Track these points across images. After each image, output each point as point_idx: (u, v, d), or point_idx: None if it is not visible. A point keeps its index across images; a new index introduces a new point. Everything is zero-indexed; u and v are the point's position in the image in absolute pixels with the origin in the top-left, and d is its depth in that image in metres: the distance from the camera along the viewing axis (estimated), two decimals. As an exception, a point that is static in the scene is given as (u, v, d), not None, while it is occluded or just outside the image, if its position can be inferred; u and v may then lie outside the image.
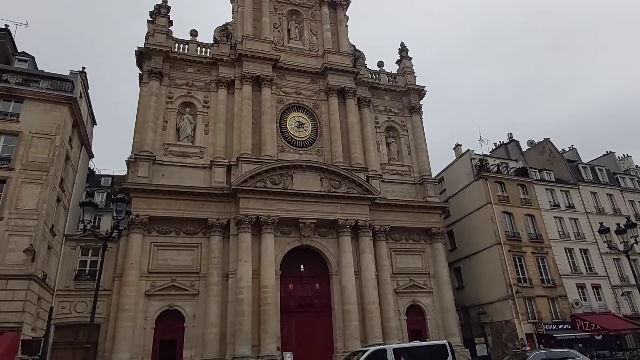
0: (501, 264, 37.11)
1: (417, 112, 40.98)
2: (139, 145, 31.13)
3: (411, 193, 37.48)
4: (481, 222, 39.88)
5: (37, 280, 23.51)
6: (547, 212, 42.19)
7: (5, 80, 26.57)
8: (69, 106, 27.77)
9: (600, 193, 46.57)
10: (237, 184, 30.69)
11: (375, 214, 34.31)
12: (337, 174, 33.73)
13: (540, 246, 39.79)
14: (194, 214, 30.20)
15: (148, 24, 35.48)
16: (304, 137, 36.38)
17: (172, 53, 34.78)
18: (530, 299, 36.80)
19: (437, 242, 35.83)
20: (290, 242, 31.94)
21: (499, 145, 51.58)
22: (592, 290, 40.04)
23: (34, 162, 25.19)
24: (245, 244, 29.78)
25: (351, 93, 38.38)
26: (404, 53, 44.11)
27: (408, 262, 34.92)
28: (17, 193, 24.13)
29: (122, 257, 28.15)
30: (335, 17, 42.57)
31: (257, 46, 36.85)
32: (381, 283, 32.50)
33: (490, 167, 42.94)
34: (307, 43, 40.53)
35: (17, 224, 23.42)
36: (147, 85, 33.18)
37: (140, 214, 28.68)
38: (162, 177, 30.82)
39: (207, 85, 35.34)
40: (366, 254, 32.63)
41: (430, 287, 34.44)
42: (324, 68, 38.19)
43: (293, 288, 31.55)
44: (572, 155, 52.79)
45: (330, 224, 32.79)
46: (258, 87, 35.77)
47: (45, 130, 26.27)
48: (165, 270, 28.72)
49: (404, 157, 39.30)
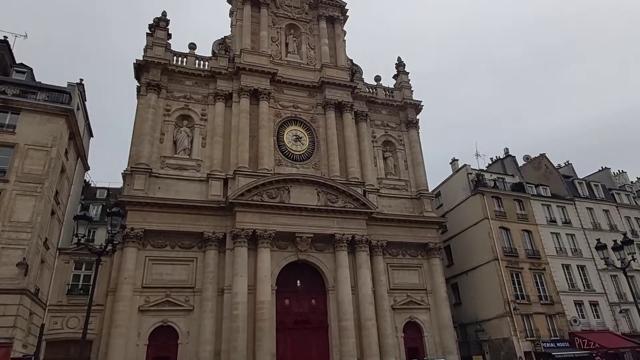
0: (498, 280, 36.86)
1: (414, 126, 41.07)
2: (135, 158, 30.91)
3: (408, 208, 37.36)
4: (478, 238, 39.74)
5: (29, 294, 23.08)
6: (543, 228, 42.13)
7: (3, 92, 26.42)
8: (66, 118, 27.60)
9: (597, 209, 46.62)
10: (234, 198, 30.48)
11: (372, 228, 34.12)
12: (334, 188, 33.60)
13: (537, 262, 39.62)
14: (189, 227, 29.90)
15: (147, 36, 35.55)
16: (301, 151, 36.32)
17: (171, 66, 34.79)
18: (528, 316, 36.49)
19: (434, 257, 35.61)
20: (287, 257, 31.64)
21: (496, 160, 51.70)
22: (590, 307, 39.78)
23: (29, 174, 24.93)
24: (241, 259, 29.46)
25: (348, 107, 38.46)
26: (400, 68, 44.37)
27: (405, 278, 34.65)
28: (11, 205, 23.82)
29: (116, 271, 27.73)
30: (333, 31, 42.85)
31: (255, 60, 36.95)
32: (378, 299, 32.17)
33: (487, 182, 42.96)
34: (305, 57, 40.70)
35: (10, 237, 23.07)
36: (144, 97, 33.09)
37: (135, 228, 28.35)
38: (158, 190, 30.57)
39: (205, 98, 35.31)
40: (363, 269, 32.35)
41: (428, 303, 34.13)
42: (322, 82, 38.29)
43: (289, 304, 31.17)
44: (567, 170, 52.97)
45: (327, 238, 32.55)
46: (256, 100, 35.77)
47: (42, 142, 26.06)
48: (159, 285, 28.30)
49: (400, 171, 39.26)
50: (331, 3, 43.34)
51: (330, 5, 43.25)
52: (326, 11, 42.86)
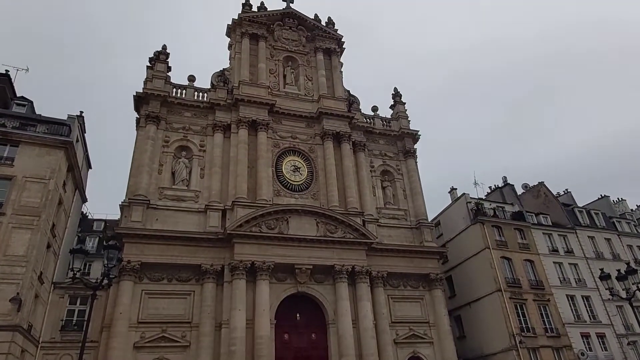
0: (503, 312, 36.07)
1: (411, 156, 41.17)
2: (133, 189, 30.73)
3: (408, 237, 36.97)
4: (480, 268, 39.18)
5: (22, 331, 22.45)
6: (546, 257, 41.63)
7: (2, 125, 26.53)
8: (65, 150, 27.64)
9: (598, 237, 46.24)
10: (232, 229, 30.14)
11: (372, 259, 33.63)
12: (333, 218, 33.32)
13: (541, 293, 38.92)
14: (187, 259, 29.43)
15: (147, 69, 36.01)
16: (299, 181, 36.21)
17: (170, 98, 35.10)
18: (534, 349, 35.44)
19: (436, 288, 34.95)
20: (286, 289, 31.03)
21: (494, 188, 51.58)
22: (597, 339, 38.76)
23: (26, 206, 24.75)
24: (239, 292, 28.86)
25: (346, 137, 38.63)
26: (397, 98, 44.85)
27: (407, 310, 33.89)
28: (7, 239, 23.55)
29: (111, 306, 27.07)
30: (330, 63, 43.52)
31: (254, 91, 37.34)
32: (380, 333, 31.33)
33: (487, 211, 42.74)
34: (303, 88, 41.18)
35: (4, 271, 22.70)
36: (144, 129, 33.22)
37: (132, 260, 27.87)
38: (156, 222, 30.25)
39: (204, 129, 35.46)
40: (364, 301, 31.68)
41: (431, 337, 33.23)
42: (320, 113, 38.59)
43: (288, 338, 30.32)
44: (567, 199, 52.85)
45: (326, 269, 32.02)
46: (254, 131, 35.93)
47: (40, 175, 26.00)
48: (155, 320, 27.57)
49: (399, 200, 39.08)
50: (328, 36, 44.22)
51: (326, 38, 44.11)
52: (323, 44, 43.67)
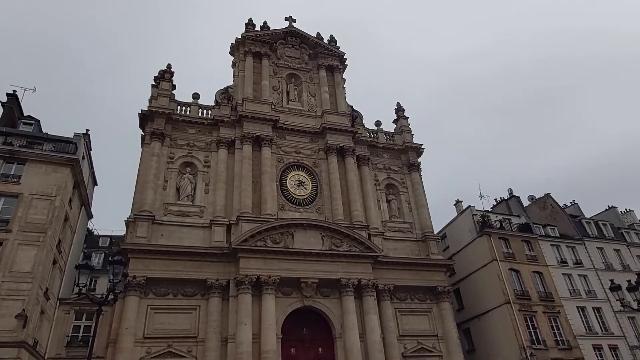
0: (512, 325, 35.56)
1: (415, 169, 41.24)
2: (138, 205, 30.95)
3: (414, 250, 36.77)
4: (488, 280, 38.77)
5: (28, 347, 22.42)
6: (555, 269, 41.16)
7: (10, 143, 26.97)
8: (71, 167, 28.00)
9: (607, 248, 45.73)
10: (237, 243, 30.16)
11: (378, 272, 33.43)
12: (339, 232, 33.27)
13: (551, 305, 38.37)
14: (192, 274, 29.41)
15: (152, 88, 36.62)
16: (304, 196, 36.31)
17: (175, 115, 35.58)
18: (546, 363, 34.85)
19: (443, 301, 34.57)
20: (292, 303, 30.82)
21: (500, 201, 51.39)
22: (610, 352, 37.97)
23: (32, 223, 24.98)
24: (245, 306, 28.71)
25: (350, 152, 38.83)
26: (400, 112, 45.21)
27: (415, 324, 33.49)
28: (13, 256, 23.71)
29: (116, 321, 26.99)
30: (332, 79, 44.04)
31: (257, 108, 37.79)
32: (387, 346, 30.92)
33: (493, 223, 42.48)
34: (306, 104, 41.61)
35: (10, 288, 22.80)
36: (149, 146, 33.62)
37: (137, 276, 27.89)
38: (161, 237, 30.35)
39: (208, 145, 35.82)
40: (371, 314, 31.37)
41: (440, 350, 32.73)
42: (323, 128, 38.91)
43: (295, 353, 30.01)
44: (574, 210, 52.48)
45: (332, 283, 31.83)
46: (258, 146, 36.24)
47: (46, 192, 26.30)
48: (161, 335, 27.44)
49: (404, 214, 39.00)
50: (330, 53, 44.87)
51: (329, 55, 44.75)
52: (325, 61, 44.28)
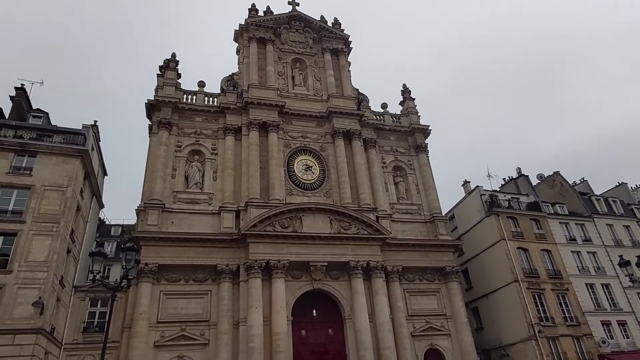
0: (520, 302, 35.80)
1: (423, 150, 41.18)
2: (148, 194, 31.43)
3: (422, 232, 36.97)
4: (496, 259, 38.93)
5: (45, 334, 23.17)
6: (563, 247, 41.15)
7: (20, 136, 27.42)
8: (81, 159, 28.43)
9: (617, 225, 45.52)
10: (246, 229, 30.57)
11: (387, 254, 33.74)
12: (347, 215, 33.52)
13: (559, 282, 38.49)
14: (203, 260, 29.97)
15: (158, 77, 36.79)
16: (311, 180, 36.53)
17: (181, 104, 35.79)
18: (553, 338, 35.13)
19: (452, 281, 34.89)
20: (302, 287, 31.31)
21: (508, 180, 51.17)
22: (619, 327, 38.20)
23: (45, 214, 25.52)
24: (255, 290, 29.27)
25: (357, 135, 38.84)
26: (406, 94, 44.94)
27: (423, 303, 33.91)
28: (28, 246, 24.30)
29: (131, 307, 27.76)
30: (337, 63, 43.83)
31: (263, 94, 37.83)
32: (396, 326, 31.42)
33: (501, 203, 42.43)
34: (312, 89, 41.54)
35: (26, 277, 23.43)
36: (156, 135, 33.95)
37: (149, 263, 28.52)
38: (171, 225, 30.87)
39: (215, 133, 36.05)
40: (380, 295, 31.81)
41: (448, 329, 33.20)
42: (329, 112, 38.89)
43: (306, 334, 30.61)
44: (583, 187, 52.10)
45: (341, 266, 32.24)
46: (265, 132, 36.40)
47: (57, 183, 26.78)
48: (174, 319, 28.18)
49: (412, 195, 39.11)
50: (335, 37, 44.55)
51: (333, 39, 44.44)
52: (330, 44, 44.01)
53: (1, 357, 21.28)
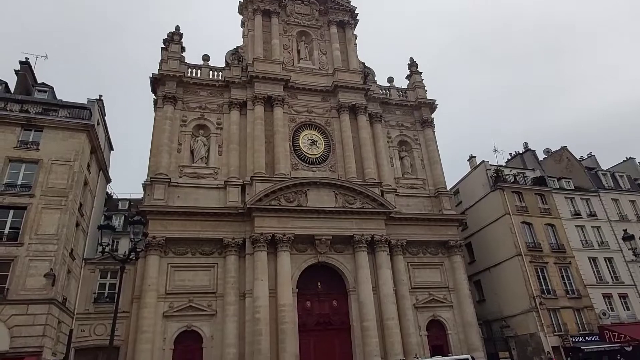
0: (523, 276, 36.23)
1: (429, 125, 40.95)
2: (154, 169, 31.70)
3: (427, 206, 37.17)
4: (500, 234, 39.18)
5: (57, 304, 23.85)
6: (568, 221, 41.27)
7: (26, 111, 27.52)
8: (87, 133, 28.55)
9: (623, 200, 45.43)
10: (252, 203, 30.89)
11: (391, 228, 34.06)
12: (352, 189, 33.70)
13: (562, 256, 38.80)
14: (209, 234, 30.44)
15: (162, 50, 36.53)
16: (317, 155, 36.59)
17: (185, 78, 35.62)
18: (554, 310, 35.74)
19: (455, 255, 35.28)
20: (306, 260, 31.81)
21: (515, 155, 50.92)
22: (620, 299, 38.72)
23: (53, 188, 25.83)
24: (261, 263, 29.79)
25: (362, 109, 38.62)
26: (413, 68, 44.37)
27: (426, 276, 34.42)
28: (38, 219, 24.71)
29: (139, 279, 28.43)
30: (343, 36, 43.20)
31: (268, 67, 37.52)
32: (400, 298, 32.03)
33: (507, 178, 42.37)
34: (317, 62, 41.11)
35: (37, 249, 23.92)
36: (161, 109, 33.97)
37: (156, 236, 29.02)
38: (178, 199, 31.24)
39: (220, 107, 35.98)
40: (383, 269, 32.29)
41: (451, 301, 33.80)
42: (335, 86, 38.58)
43: (310, 306, 31.28)
44: (590, 162, 51.79)
45: (346, 239, 32.63)
46: (270, 107, 36.27)
47: (65, 157, 26.99)
48: (182, 291, 28.86)
49: (417, 170, 39.13)
50: (341, 8, 43.75)
51: (340, 11, 43.66)
52: (336, 16, 43.27)
53: (17, 325, 22.02)
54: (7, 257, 23.31)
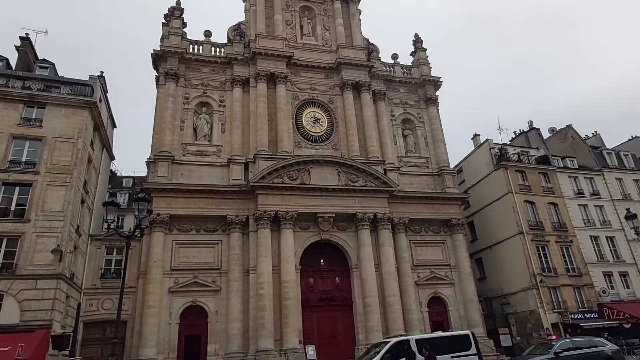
0: (524, 254, 36.52)
1: (433, 103, 40.63)
2: (157, 146, 31.72)
3: (430, 185, 37.22)
4: (502, 212, 39.32)
5: (65, 279, 24.27)
6: (570, 200, 41.30)
7: (28, 87, 27.43)
8: (90, 110, 28.50)
9: (626, 179, 45.32)
10: (255, 181, 30.99)
11: (393, 206, 34.20)
12: (355, 167, 33.71)
13: (564, 235, 39.00)
14: (213, 211, 30.66)
15: (162, 26, 36.05)
16: (320, 132, 36.48)
17: (187, 54, 35.27)
18: (555, 288, 36.18)
19: (457, 233, 35.51)
20: (310, 237, 32.08)
21: (519, 133, 50.58)
22: (620, 278, 39.09)
23: (58, 165, 25.97)
24: (264, 240, 30.08)
25: (366, 87, 38.28)
26: (418, 44, 43.72)
27: (428, 254, 34.74)
28: (43, 196, 24.93)
29: (145, 255, 28.81)
30: (347, 11, 42.47)
31: (271, 44, 37.05)
32: (401, 275, 32.41)
33: (511, 156, 42.25)
34: (320, 39, 40.56)
35: (44, 226, 24.22)
36: (163, 87, 33.77)
37: (161, 213, 29.26)
38: (181, 176, 31.36)
39: (223, 85, 35.73)
40: (386, 246, 32.58)
41: (452, 278, 34.20)
42: (338, 63, 38.16)
43: (313, 282, 31.72)
44: (595, 141, 51.48)
45: (348, 217, 32.83)
46: (273, 84, 35.99)
47: (68, 134, 27.04)
48: (187, 267, 29.27)
49: (421, 148, 39.03)
50: (344, -18, 42.83)
51: (343, -17, 42.75)
52: (340, -10, 42.39)
53: (27, 299, 22.53)
54: (15, 233, 23.67)
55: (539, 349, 22.35)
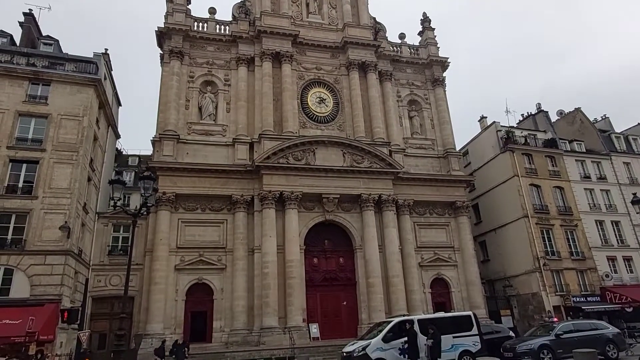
0: (528, 237, 36.55)
1: (440, 84, 40.17)
2: (162, 125, 31.70)
3: (435, 167, 37.11)
4: (508, 195, 39.20)
5: (73, 255, 24.61)
6: (577, 184, 41.07)
7: (32, 64, 27.30)
8: (95, 88, 28.39)
9: (634, 163, 44.89)
10: (260, 161, 31.00)
11: (398, 188, 34.19)
12: (360, 148, 33.61)
13: (569, 219, 38.92)
14: (218, 190, 30.80)
15: (167, 2, 35.55)
16: (325, 113, 36.26)
17: (192, 32, 34.90)
18: (558, 271, 36.32)
19: (461, 215, 35.54)
20: (314, 217, 32.23)
21: (527, 116, 50.03)
22: (624, 262, 39.14)
23: (64, 143, 26.03)
24: (269, 220, 30.26)
25: (372, 67, 37.85)
26: (426, 24, 43.01)
27: (432, 236, 34.86)
28: (50, 173, 25.07)
29: (151, 233, 29.10)
30: (354, -12, 41.64)
31: (276, 22, 36.56)
32: (405, 257, 32.63)
33: (517, 139, 41.87)
34: (327, 17, 39.93)
35: (51, 203, 24.44)
36: (168, 65, 33.54)
37: (166, 192, 29.43)
38: (187, 156, 31.42)
39: (228, 63, 35.42)
40: (390, 228, 32.70)
41: (455, 260, 34.38)
42: (344, 42, 37.65)
43: (317, 262, 32.03)
44: (604, 124, 50.83)
45: (353, 198, 32.88)
46: (278, 63, 35.64)
47: (73, 112, 27.01)
48: (193, 245, 29.58)
49: (427, 130, 38.78)
50: (351, -42, 41.86)
51: (350, -39, 41.81)
52: (347, -33, 41.50)
53: (36, 275, 22.93)
54: (23, 210, 23.90)
55: (541, 331, 22.54)
